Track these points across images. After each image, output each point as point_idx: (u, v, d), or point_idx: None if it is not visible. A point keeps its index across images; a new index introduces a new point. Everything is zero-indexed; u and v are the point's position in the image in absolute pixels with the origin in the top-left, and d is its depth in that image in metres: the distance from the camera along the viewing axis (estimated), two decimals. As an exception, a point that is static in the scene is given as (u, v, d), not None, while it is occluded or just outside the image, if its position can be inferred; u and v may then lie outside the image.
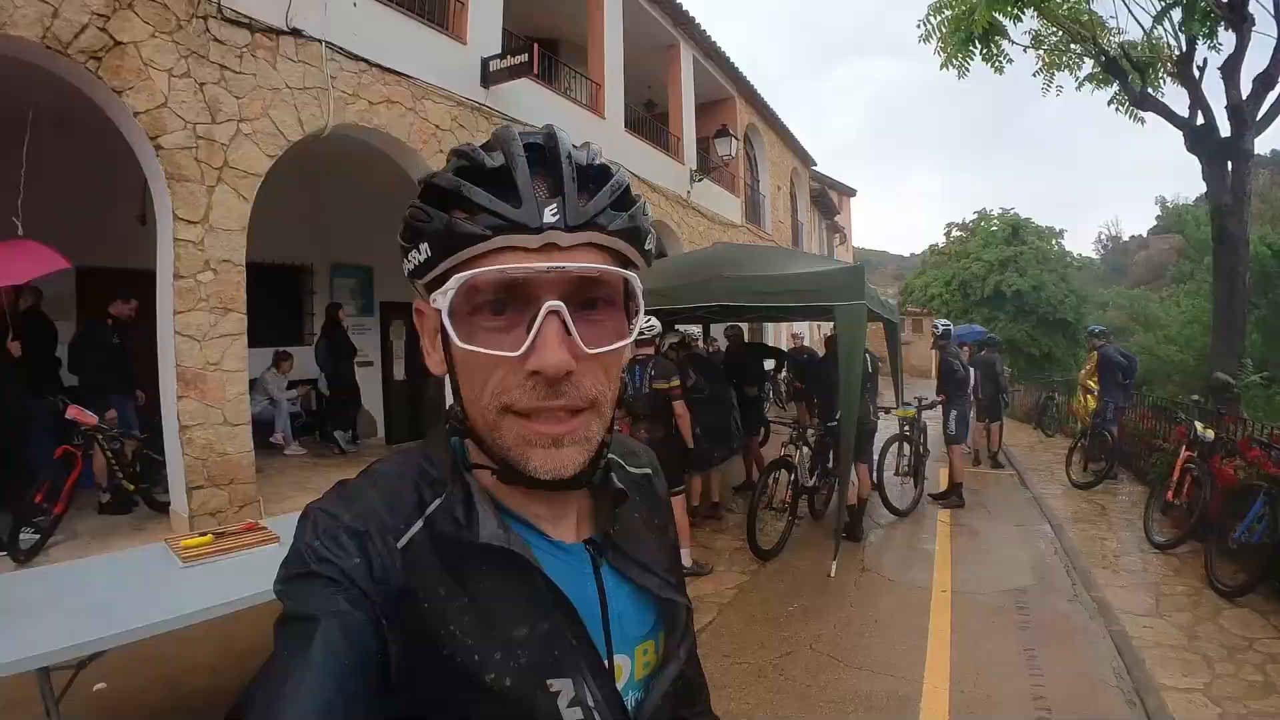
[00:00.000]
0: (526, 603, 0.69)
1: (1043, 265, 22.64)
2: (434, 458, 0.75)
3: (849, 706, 3.69)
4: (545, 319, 0.63)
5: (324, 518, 0.67)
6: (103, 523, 5.93)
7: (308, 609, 0.61)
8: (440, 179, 0.68)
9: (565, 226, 0.65)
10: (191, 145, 5.52)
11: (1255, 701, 3.80)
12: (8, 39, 4.77)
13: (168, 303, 5.50)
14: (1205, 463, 6.35)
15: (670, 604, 0.83)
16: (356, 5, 6.77)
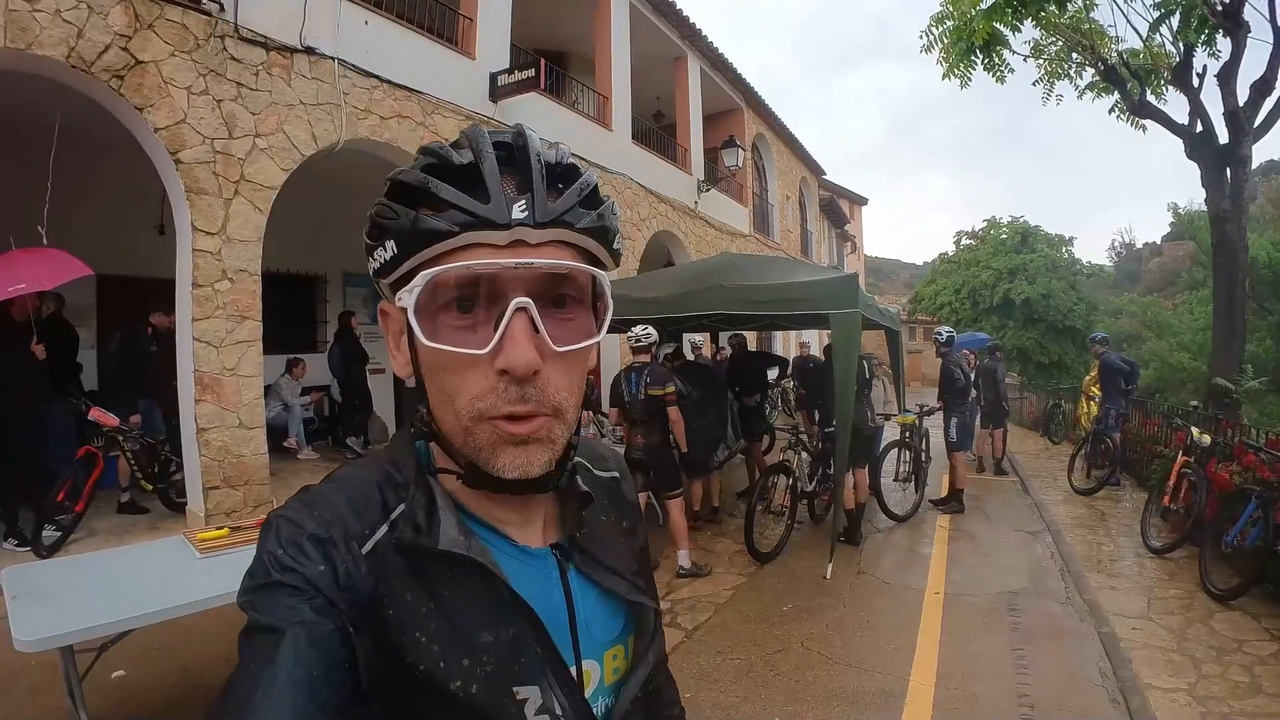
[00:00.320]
0: (490, 609, 0.69)
1: (1052, 273, 22.67)
2: (399, 462, 0.74)
3: (835, 702, 3.81)
4: (513, 316, 0.63)
5: (287, 525, 0.66)
6: (121, 521, 6.15)
7: (273, 619, 0.60)
8: (407, 175, 0.68)
9: (534, 223, 0.65)
10: (210, 160, 5.74)
11: (1239, 701, 3.86)
12: (35, 58, 5.02)
13: (186, 310, 5.72)
14: (1201, 468, 6.43)
15: (638, 607, 0.82)
16: (368, 24, 7.01)
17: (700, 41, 13.79)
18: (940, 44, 9.56)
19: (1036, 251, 23.33)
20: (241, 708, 0.57)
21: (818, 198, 24.55)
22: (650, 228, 12.43)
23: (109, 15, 5.28)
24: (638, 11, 11.83)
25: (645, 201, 12.26)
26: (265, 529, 0.67)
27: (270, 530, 0.66)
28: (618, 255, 0.76)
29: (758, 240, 17.82)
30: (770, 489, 6.54)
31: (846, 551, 6.45)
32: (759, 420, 8.57)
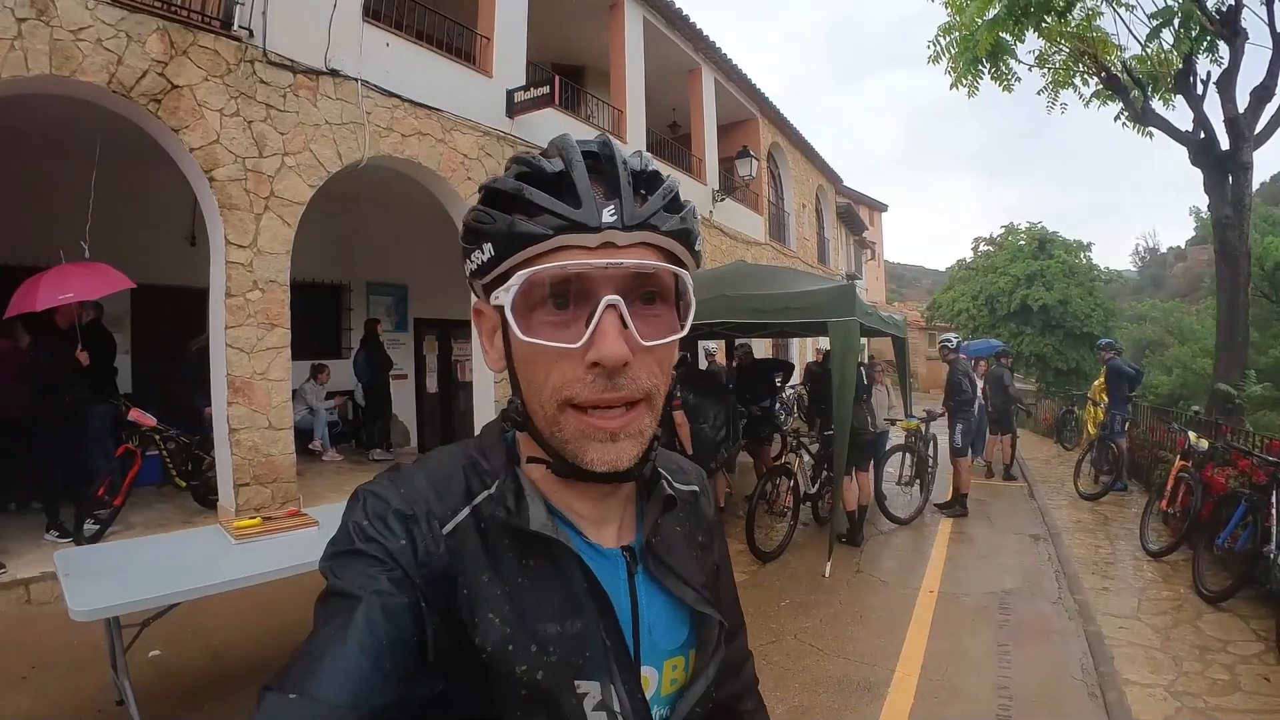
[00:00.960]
0: (564, 599, 0.70)
1: (1069, 279, 22.63)
2: (487, 450, 0.78)
3: (822, 689, 4.04)
4: (604, 312, 0.66)
5: (373, 499, 0.70)
6: (157, 515, 6.52)
7: (351, 586, 0.63)
8: (502, 183, 0.71)
9: (622, 226, 0.67)
10: (241, 177, 6.10)
11: (1216, 698, 3.98)
12: (79, 84, 5.38)
13: (220, 318, 6.08)
14: (1198, 472, 6.56)
15: (703, 619, 0.82)
16: (389, 45, 7.35)
17: (714, 53, 14.02)
18: (948, 54, 9.75)
19: (1054, 257, 23.29)
20: (310, 667, 0.59)
21: (835, 205, 24.67)
22: (665, 237, 12.64)
23: (146, 43, 5.65)
24: (652, 26, 12.09)
25: (686, 199, 12.48)
26: (352, 501, 0.71)
27: (357, 502, 0.71)
28: (699, 256, 0.78)
29: (774, 248, 17.99)
30: (771, 490, 6.77)
31: (847, 552, 6.67)
32: (767, 425, 8.79)
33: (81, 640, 4.30)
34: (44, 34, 5.16)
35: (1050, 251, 23.63)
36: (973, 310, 24.39)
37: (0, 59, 4.98)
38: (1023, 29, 8.51)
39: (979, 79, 9.73)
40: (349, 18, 7.00)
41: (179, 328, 8.44)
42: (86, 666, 4.00)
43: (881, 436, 7.90)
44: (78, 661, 4.10)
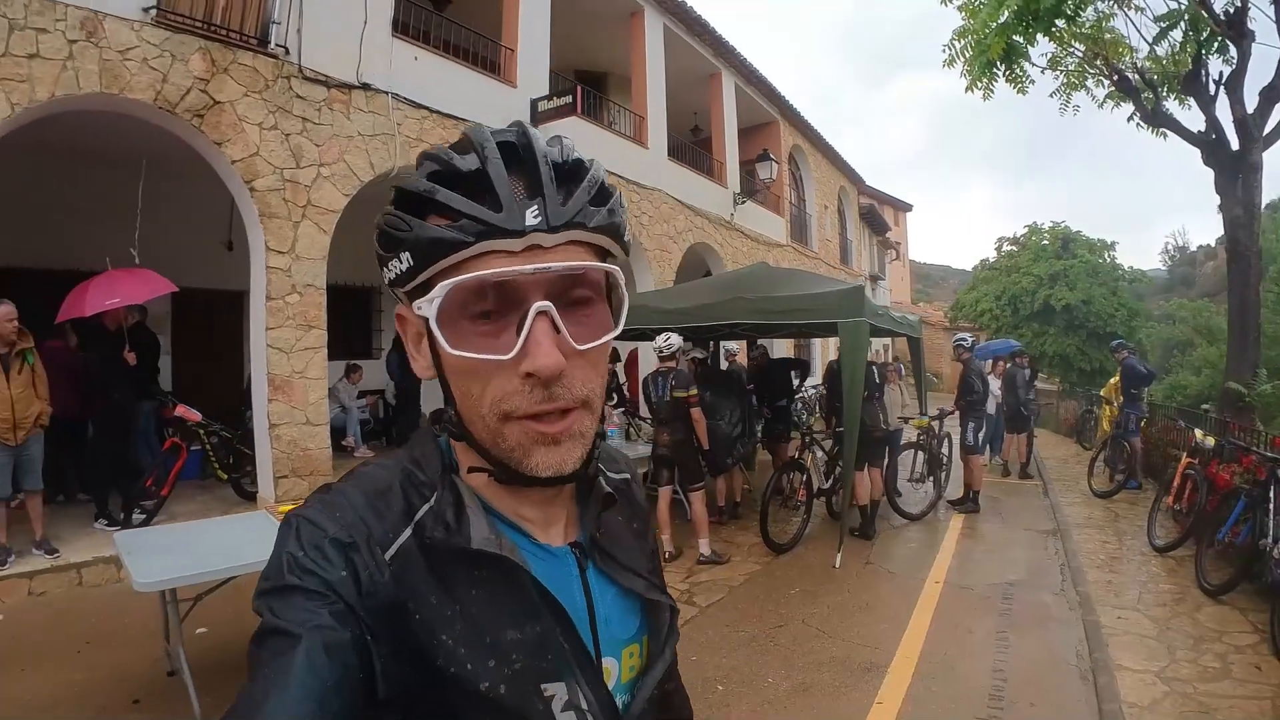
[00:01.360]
0: (518, 607, 0.68)
1: (1093, 279, 22.55)
2: (421, 461, 0.74)
3: (825, 669, 4.29)
4: (535, 320, 0.64)
5: (307, 527, 0.65)
6: (200, 506, 6.90)
7: (290, 624, 0.59)
8: (413, 184, 0.67)
9: (548, 227, 0.64)
10: (280, 187, 6.46)
11: (1205, 684, 4.13)
12: (127, 101, 5.76)
13: (260, 320, 6.45)
14: (1204, 469, 6.68)
15: (655, 605, 0.83)
16: (418, 59, 7.71)
17: (734, 58, 14.26)
18: (962, 58, 9.86)
19: (1077, 257, 23.23)
20: (251, 716, 0.56)
21: (857, 206, 24.75)
22: (686, 240, 12.96)
23: (189, 61, 6.02)
24: (672, 33, 12.37)
25: (681, 215, 12.79)
26: (284, 529, 0.66)
27: (290, 530, 0.65)
28: (628, 246, 0.75)
29: (795, 250, 18.16)
30: (786, 484, 7.01)
31: (859, 545, 6.89)
32: (784, 423, 9.01)
33: (131, 619, 4.70)
34: (94, 54, 5.54)
35: (1073, 251, 23.56)
36: (996, 310, 24.36)
37: (54, 78, 5.35)
38: (1033, 34, 8.61)
39: (994, 82, 9.83)
40: (379, 33, 7.36)
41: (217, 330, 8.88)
42: (137, 643, 4.38)
43: (894, 434, 8.10)
44: (129, 639, 4.47)
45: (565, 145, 0.71)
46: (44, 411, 5.48)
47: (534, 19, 9.39)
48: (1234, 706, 3.87)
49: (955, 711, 3.81)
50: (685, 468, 6.40)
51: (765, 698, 3.97)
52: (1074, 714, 3.85)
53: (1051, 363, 22.53)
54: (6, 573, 5.19)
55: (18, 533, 5.48)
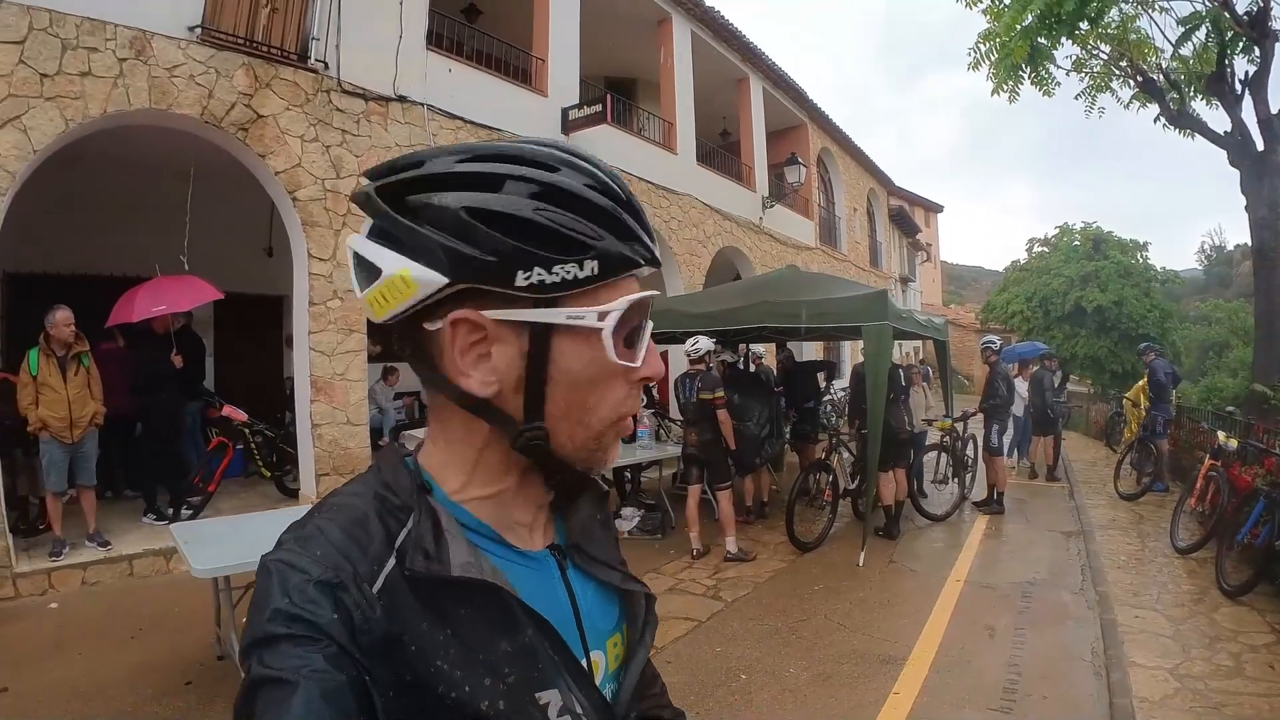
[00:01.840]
0: (504, 622, 0.68)
1: (1124, 280, 22.25)
2: (393, 484, 0.71)
3: (844, 661, 4.45)
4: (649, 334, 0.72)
5: (291, 572, 0.62)
6: (244, 502, 7.21)
7: (283, 672, 0.57)
8: (598, 199, 0.67)
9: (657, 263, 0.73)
10: (321, 197, 6.75)
11: (1218, 681, 4.21)
12: (176, 115, 6.07)
13: (303, 324, 6.74)
14: (1226, 471, 6.74)
15: (630, 594, 0.84)
16: (451, 71, 7.98)
17: (761, 63, 14.40)
18: (987, 60, 9.92)
19: (1109, 258, 22.95)
20: None
21: (887, 208, 24.73)
22: (715, 244, 13.12)
23: (234, 77, 6.32)
24: (700, 39, 12.55)
25: (710, 219, 12.96)
26: (264, 576, 0.63)
27: (271, 578, 0.62)
28: None
29: (824, 253, 18.23)
30: (812, 485, 7.16)
31: (883, 544, 7.03)
32: (811, 424, 9.16)
33: (181, 609, 4.99)
34: (143, 72, 5.85)
35: (1105, 252, 23.27)
36: (1026, 312, 24.11)
37: (105, 95, 5.67)
38: (1056, 36, 8.67)
39: (1019, 84, 9.89)
40: (414, 47, 7.63)
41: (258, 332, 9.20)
42: (187, 630, 4.66)
43: (919, 436, 8.20)
44: (179, 626, 4.76)
45: None
46: (98, 411, 5.80)
47: (563, 29, 9.63)
48: (1244, 703, 3.95)
49: (969, 703, 3.95)
50: (713, 467, 6.58)
51: (786, 686, 4.14)
52: (1085, 708, 3.95)
53: (1083, 365, 22.31)
54: (61, 563, 5.50)
55: (71, 526, 5.78)
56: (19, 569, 5.30)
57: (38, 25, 5.35)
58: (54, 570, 5.45)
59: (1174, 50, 9.06)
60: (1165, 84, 9.39)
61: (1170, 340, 22.11)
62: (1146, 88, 9.45)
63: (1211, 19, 8.31)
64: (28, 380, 5.48)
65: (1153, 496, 9.16)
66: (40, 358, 5.53)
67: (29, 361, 5.51)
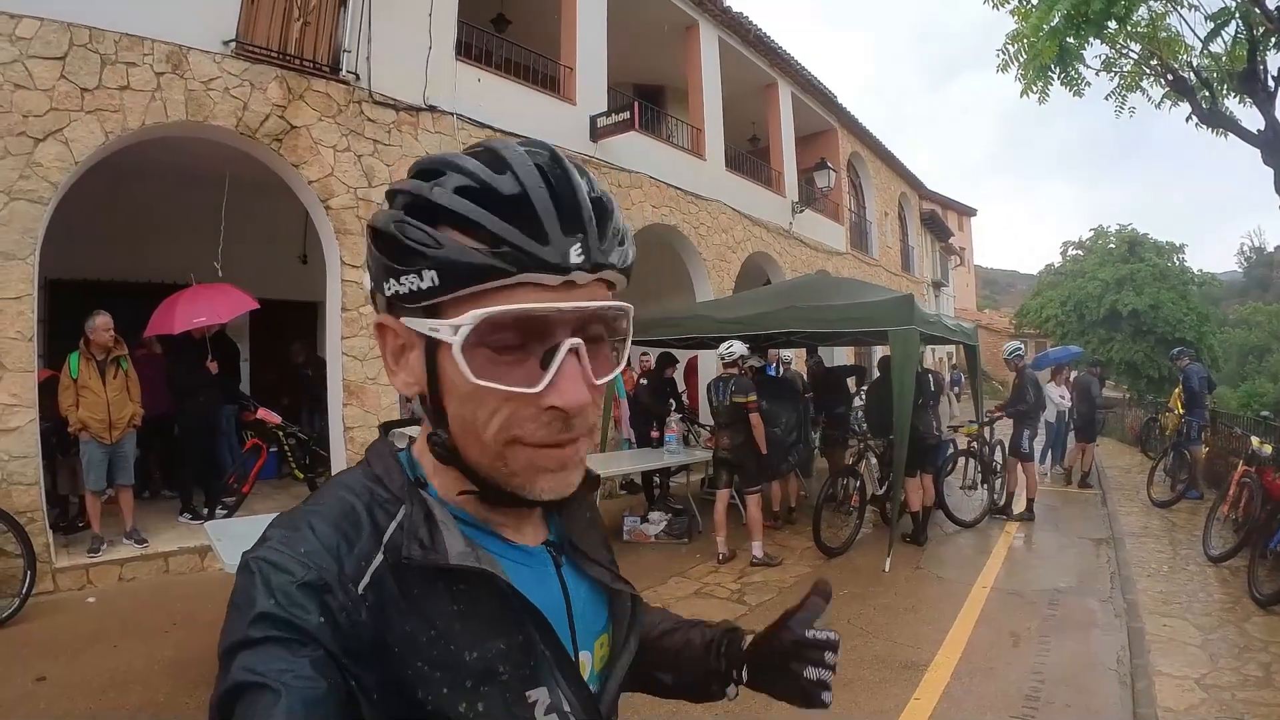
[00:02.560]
0: (500, 617, 0.67)
1: (1161, 283, 21.92)
2: (383, 476, 0.71)
3: (866, 666, 4.46)
4: (565, 357, 0.63)
5: (273, 572, 0.61)
6: (275, 504, 7.34)
7: (266, 678, 0.55)
8: (444, 197, 0.63)
9: (589, 267, 0.64)
10: (353, 205, 6.90)
11: (1245, 692, 4.14)
12: (212, 127, 6.24)
13: (336, 330, 6.90)
14: (1260, 477, 6.60)
15: (617, 595, 0.83)
16: (480, 81, 8.10)
17: (790, 68, 14.39)
18: (1016, 61, 9.81)
19: (1145, 260, 22.60)
20: None
21: (919, 212, 24.54)
22: (745, 250, 13.14)
23: (268, 90, 6.48)
24: (727, 45, 12.58)
25: (740, 225, 13.00)
26: (245, 575, 0.62)
27: (254, 578, 0.61)
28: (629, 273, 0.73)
29: (855, 258, 18.14)
30: (839, 490, 7.17)
31: (910, 550, 7.02)
32: (841, 429, 9.15)
33: (214, 605, 5.02)
34: (179, 85, 6.03)
35: (1140, 255, 22.94)
36: (1061, 316, 23.85)
37: (143, 108, 5.85)
38: (1085, 36, 8.57)
39: (1049, 85, 9.77)
40: (444, 57, 7.77)
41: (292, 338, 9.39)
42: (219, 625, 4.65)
43: (943, 443, 8.16)
44: (212, 622, 4.77)
45: (591, 177, 0.70)
46: (136, 413, 5.99)
47: (591, 37, 9.74)
48: (1272, 715, 3.89)
49: (990, 709, 3.94)
50: (744, 471, 6.62)
51: (807, 691, 4.16)
52: (1109, 717, 3.93)
53: (1119, 370, 22.00)
54: (99, 560, 5.68)
55: (109, 524, 5.98)
56: (58, 564, 5.47)
57: (78, 41, 5.54)
58: (92, 566, 5.62)
59: (1204, 47, 8.90)
60: (1196, 82, 9.22)
61: (1208, 344, 21.71)
62: (1177, 86, 9.29)
63: (1241, 14, 8.15)
64: (68, 382, 5.67)
65: (1187, 504, 9.01)
66: (80, 361, 5.72)
67: (69, 365, 5.71)
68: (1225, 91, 9.48)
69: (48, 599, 5.25)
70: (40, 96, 5.35)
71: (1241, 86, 8.74)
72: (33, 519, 5.18)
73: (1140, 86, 9.97)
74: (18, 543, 4.97)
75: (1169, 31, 9.26)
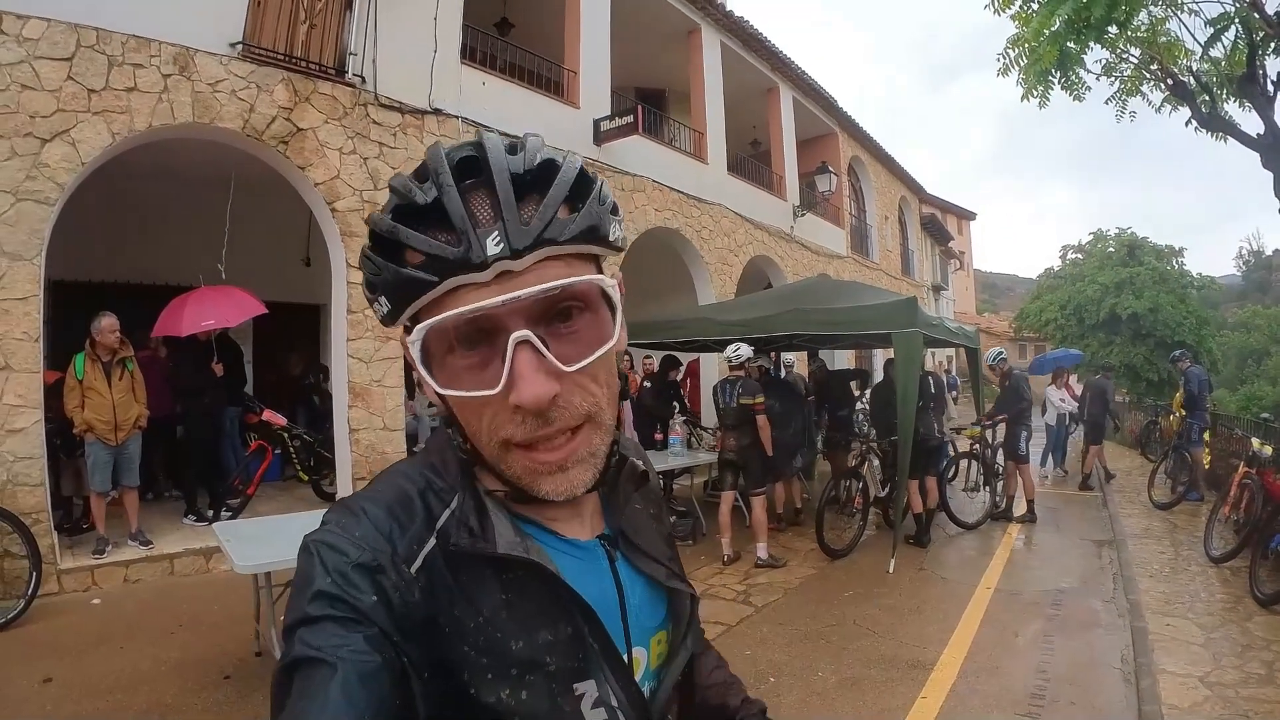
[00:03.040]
0: (548, 608, 0.68)
1: (1160, 286, 21.97)
2: (440, 466, 0.73)
3: (873, 665, 4.48)
4: (515, 352, 0.62)
5: (329, 553, 0.63)
6: (280, 506, 7.37)
7: (323, 653, 0.57)
8: (379, 224, 0.65)
9: (511, 253, 0.61)
10: (359, 208, 6.92)
11: (1248, 689, 4.15)
12: (218, 129, 6.26)
13: (341, 332, 6.92)
14: (1261, 478, 6.63)
15: (676, 593, 0.83)
16: (485, 84, 8.14)
17: (791, 72, 14.44)
18: (1017, 66, 9.85)
19: (1144, 264, 22.66)
20: None
21: (919, 215, 24.60)
22: (747, 253, 13.19)
23: (274, 92, 6.51)
24: (729, 49, 12.63)
25: (742, 229, 13.04)
26: (305, 556, 0.64)
27: (313, 559, 0.63)
28: (618, 242, 0.70)
29: (856, 261, 18.20)
30: (843, 492, 7.19)
31: (914, 552, 7.04)
32: (845, 431, 9.16)
33: (220, 607, 5.16)
34: (186, 87, 6.06)
35: (1140, 258, 23.00)
36: (1060, 320, 23.89)
37: (150, 109, 5.88)
38: (1085, 41, 8.62)
39: (1050, 90, 9.81)
40: (448, 61, 7.81)
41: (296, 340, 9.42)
42: (225, 627, 4.80)
43: (944, 445, 8.18)
44: (218, 623, 4.90)
45: (531, 147, 0.67)
46: (141, 414, 5.99)
47: (594, 41, 9.78)
48: (1275, 711, 3.91)
49: (996, 707, 3.96)
50: (749, 472, 6.64)
51: (814, 690, 4.18)
52: (1113, 714, 3.95)
53: (1118, 373, 22.04)
54: (104, 561, 5.67)
55: (114, 525, 5.97)
56: (63, 566, 5.47)
57: (85, 43, 5.56)
58: (97, 567, 5.62)
59: (1203, 52, 8.95)
60: (1196, 86, 9.27)
61: (1207, 348, 21.76)
62: (1177, 90, 9.34)
63: (1241, 19, 8.19)
64: (74, 384, 5.66)
65: (1187, 505, 9.03)
66: (86, 362, 5.71)
67: (75, 366, 5.70)
68: (1225, 96, 9.52)
69: (53, 600, 5.25)
70: (47, 97, 5.37)
71: (1241, 91, 8.79)
72: (38, 520, 5.19)
73: (1140, 91, 10.01)
74: (23, 544, 4.97)
75: (1169, 36, 9.31)
